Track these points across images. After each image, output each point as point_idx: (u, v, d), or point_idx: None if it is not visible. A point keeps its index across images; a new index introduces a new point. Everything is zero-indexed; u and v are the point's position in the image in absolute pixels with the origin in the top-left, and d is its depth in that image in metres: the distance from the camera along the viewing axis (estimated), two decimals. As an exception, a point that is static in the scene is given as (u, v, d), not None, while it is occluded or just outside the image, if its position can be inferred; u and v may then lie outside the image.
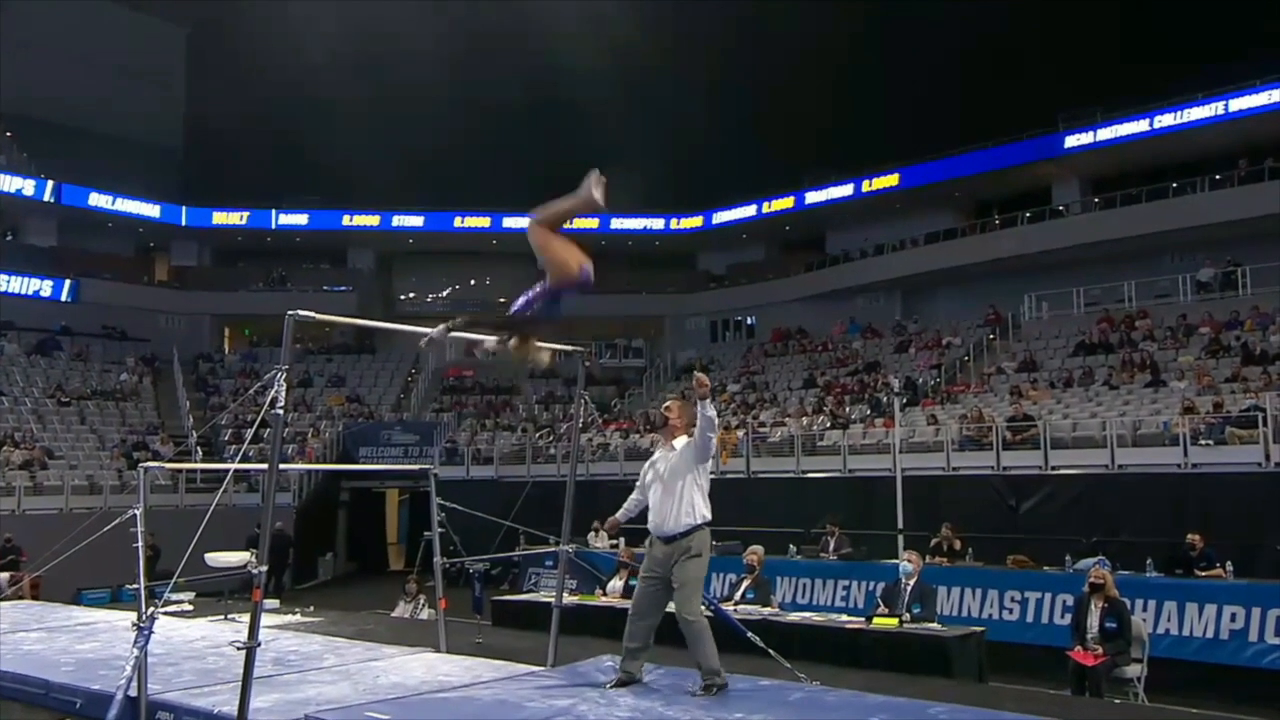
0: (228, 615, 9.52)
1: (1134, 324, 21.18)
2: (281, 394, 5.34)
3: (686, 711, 4.98)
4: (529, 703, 5.13)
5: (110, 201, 30.50)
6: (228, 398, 27.54)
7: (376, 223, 33.32)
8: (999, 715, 4.98)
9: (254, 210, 32.50)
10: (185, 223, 32.37)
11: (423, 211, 33.26)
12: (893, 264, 27.99)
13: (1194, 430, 14.76)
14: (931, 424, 18.58)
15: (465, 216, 33.42)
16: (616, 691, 5.49)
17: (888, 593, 9.39)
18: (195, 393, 27.94)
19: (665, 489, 5.67)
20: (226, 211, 32.50)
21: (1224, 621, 10.13)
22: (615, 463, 21.72)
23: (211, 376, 29.53)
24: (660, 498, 5.69)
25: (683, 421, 5.88)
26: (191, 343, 30.89)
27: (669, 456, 5.76)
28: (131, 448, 23.21)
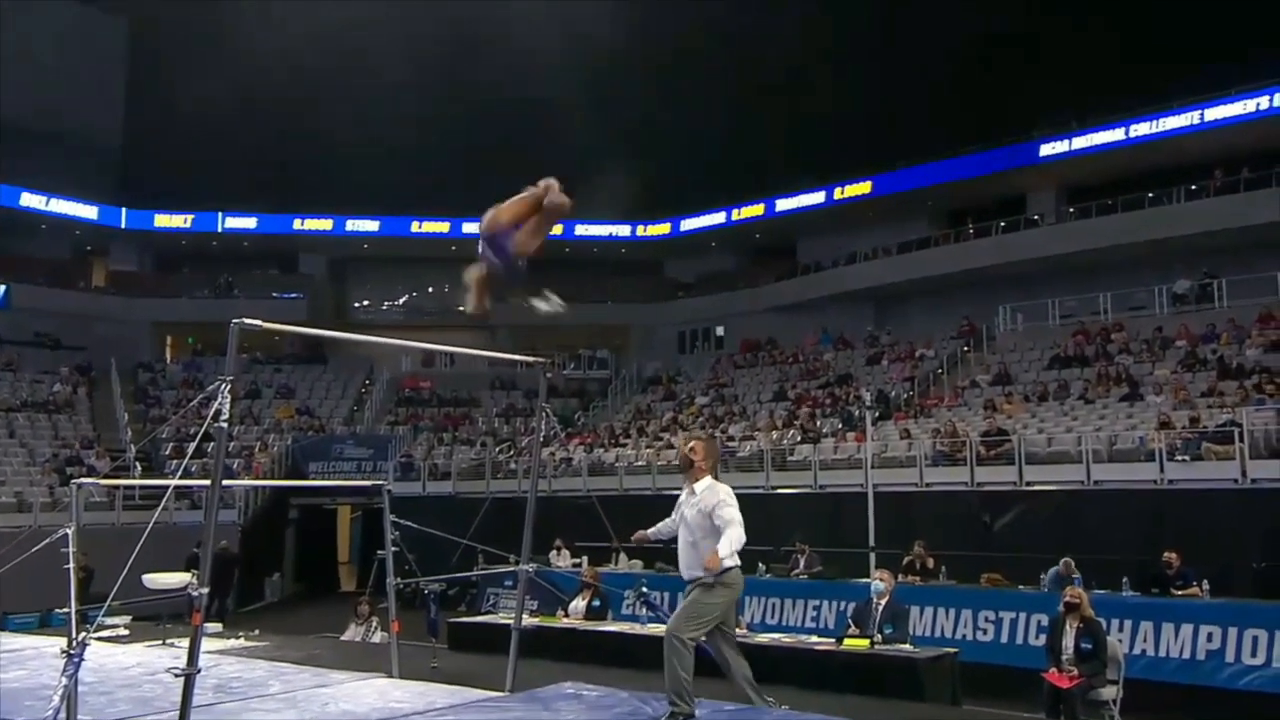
0: (166, 640, 9.35)
1: (1110, 336, 21.53)
2: (226, 406, 5.27)
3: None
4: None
5: (44, 202, 29.98)
6: (169, 410, 27.10)
7: (329, 227, 33.06)
8: (972, 739, 5.02)
9: (199, 213, 32.11)
10: (125, 225, 31.91)
11: (378, 216, 33.07)
12: (865, 273, 28.26)
13: (1170, 446, 15.02)
14: (904, 438, 18.73)
15: (423, 221, 33.28)
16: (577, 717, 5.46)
17: (859, 613, 9.44)
18: (134, 404, 27.49)
19: (686, 536, 5.90)
20: (169, 214, 32.07)
21: (1201, 642, 10.30)
22: (578, 478, 21.68)
23: (152, 387, 29.06)
24: (683, 543, 5.94)
25: (708, 463, 6.05)
26: (130, 352, 30.36)
27: (691, 501, 5.93)
28: (64, 463, 22.76)
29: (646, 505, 19.71)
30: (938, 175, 27.34)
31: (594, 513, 12.55)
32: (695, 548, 5.81)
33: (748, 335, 30.44)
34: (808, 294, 29.25)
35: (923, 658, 8.15)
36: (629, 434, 24.71)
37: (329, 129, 31.59)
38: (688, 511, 5.94)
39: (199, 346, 32.82)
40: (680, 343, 33.77)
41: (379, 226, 33.26)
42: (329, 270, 34.53)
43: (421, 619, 9.84)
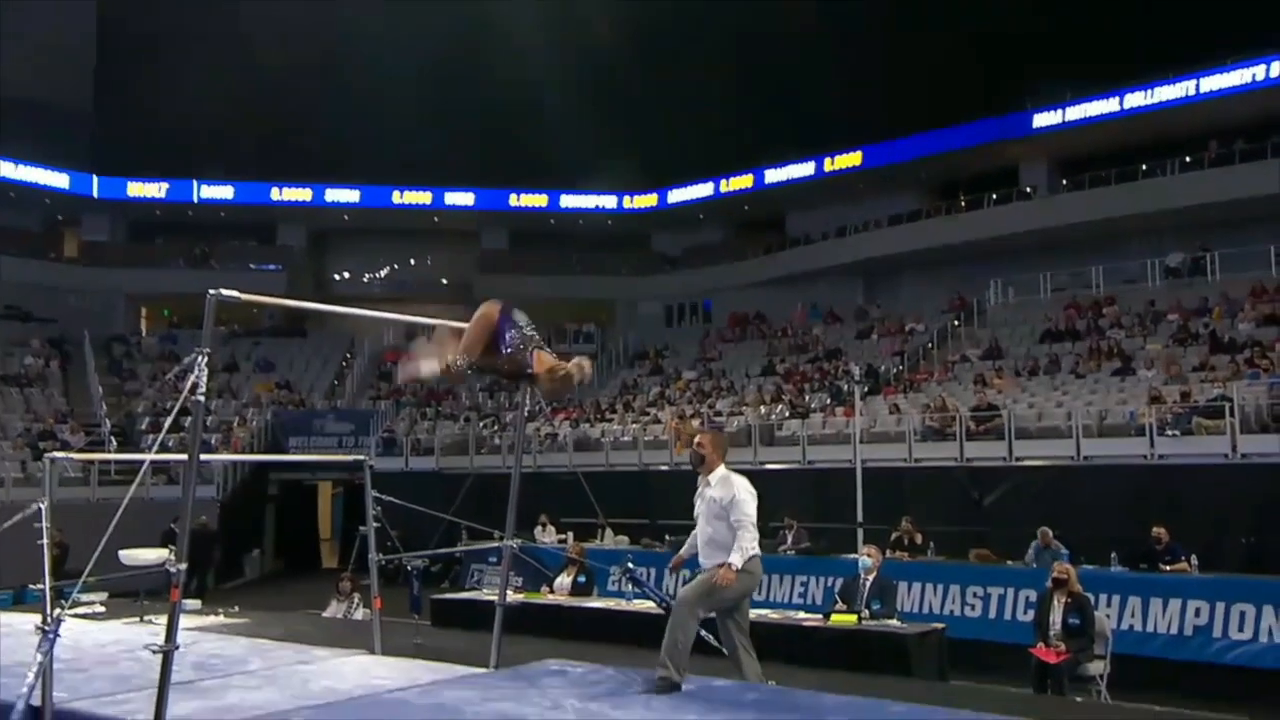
0: (144, 617, 9.33)
1: (1101, 310, 21.65)
2: (203, 379, 5.22)
3: (634, 714, 5.00)
4: (469, 706, 5.11)
5: (13, 169, 29.58)
6: (145, 383, 26.96)
7: (308, 197, 32.80)
8: (958, 714, 5.08)
9: (174, 181, 31.76)
10: (97, 194, 31.54)
11: (359, 185, 32.83)
12: (855, 246, 28.26)
13: (1161, 420, 15.14)
14: (893, 413, 18.83)
15: (405, 191, 33.08)
16: (562, 694, 5.50)
17: (846, 589, 9.52)
18: (109, 378, 27.30)
19: (703, 527, 6.08)
20: (143, 182, 31.70)
21: (1189, 617, 10.43)
22: (564, 454, 21.72)
23: (127, 360, 28.86)
24: (701, 534, 6.12)
25: (719, 453, 6.23)
26: (104, 324, 30.13)
27: (707, 494, 6.09)
28: (37, 437, 22.64)
29: (633, 481, 19.92)
30: (929, 146, 27.31)
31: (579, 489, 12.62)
32: (712, 541, 5.99)
33: (736, 309, 30.45)
34: (797, 267, 29.24)
35: (910, 633, 8.25)
36: (615, 409, 24.73)
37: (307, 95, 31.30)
38: (704, 504, 6.10)
39: (175, 319, 32.62)
40: (667, 317, 33.76)
41: (359, 197, 33.02)
42: (308, 242, 34.30)
43: (404, 596, 9.86)
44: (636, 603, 9.51)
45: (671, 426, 21.14)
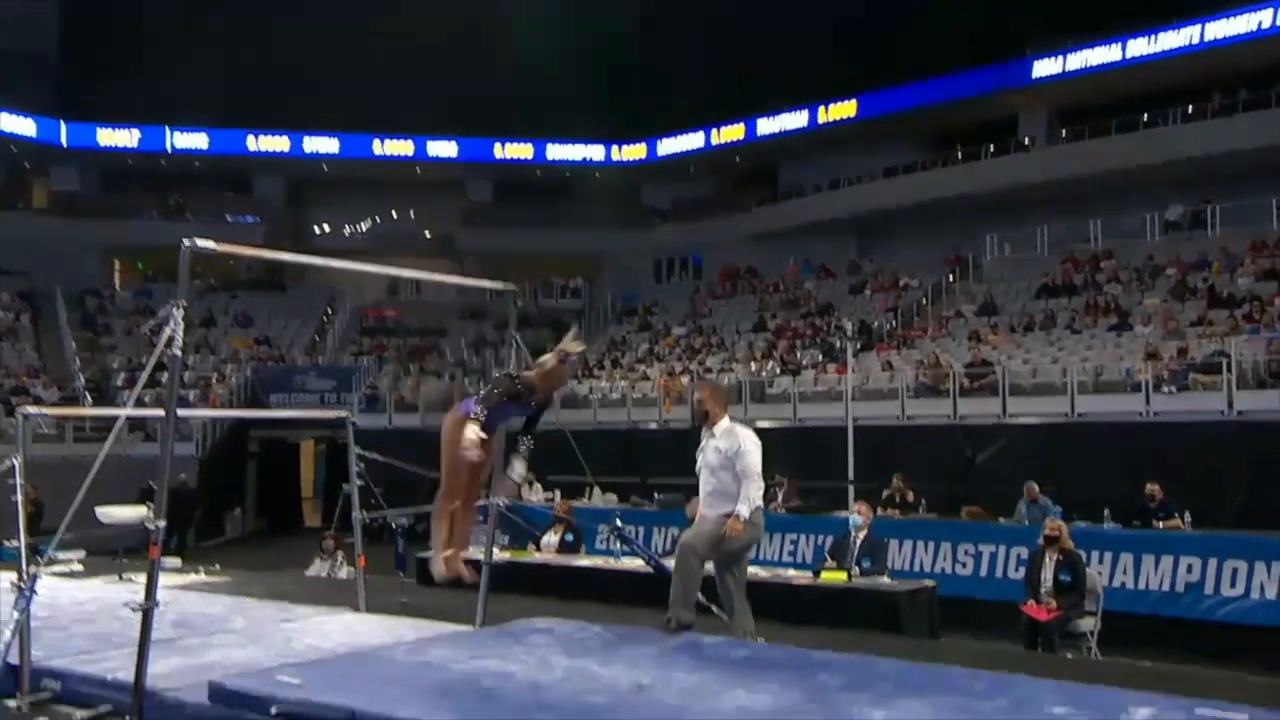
0: (122, 576, 9.35)
1: (1099, 265, 21.68)
2: (179, 332, 5.19)
3: (621, 671, 5.05)
4: (455, 664, 5.15)
5: (-23, 114, 29.13)
6: (119, 338, 26.80)
7: (286, 146, 32.43)
8: (947, 670, 5.14)
9: (146, 128, 31.32)
10: (66, 143, 31.09)
11: (338, 134, 32.46)
12: (849, 199, 28.15)
13: (1157, 377, 15.23)
14: (886, 370, 18.89)
15: (386, 141, 32.73)
16: (549, 651, 5.55)
17: (836, 546, 9.60)
18: (82, 332, 27.13)
19: (706, 479, 6.18)
20: (114, 129, 31.27)
21: (1180, 573, 10.57)
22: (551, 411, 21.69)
23: (100, 315, 28.66)
24: (704, 485, 6.21)
25: (721, 405, 6.34)
26: (77, 277, 29.80)
27: (712, 445, 6.18)
28: (9, 393, 22.51)
29: (621, 439, 19.98)
30: (926, 96, 27.11)
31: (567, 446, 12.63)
32: (716, 491, 6.08)
33: (727, 264, 30.38)
34: (789, 221, 29.12)
35: (900, 591, 8.33)
36: (603, 366, 24.74)
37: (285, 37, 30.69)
38: (709, 455, 6.18)
39: (150, 272, 32.34)
40: (656, 271, 33.65)
41: (339, 147, 32.67)
42: (287, 193, 33.98)
43: (389, 554, 9.91)
44: (625, 561, 9.57)
45: (660, 384, 21.18)
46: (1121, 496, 12.14)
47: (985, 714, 4.21)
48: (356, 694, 4.43)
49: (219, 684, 4.78)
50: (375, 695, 4.41)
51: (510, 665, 5.18)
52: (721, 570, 6.19)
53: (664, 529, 13.49)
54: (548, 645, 5.70)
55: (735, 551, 6.16)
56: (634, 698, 4.55)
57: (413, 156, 33.04)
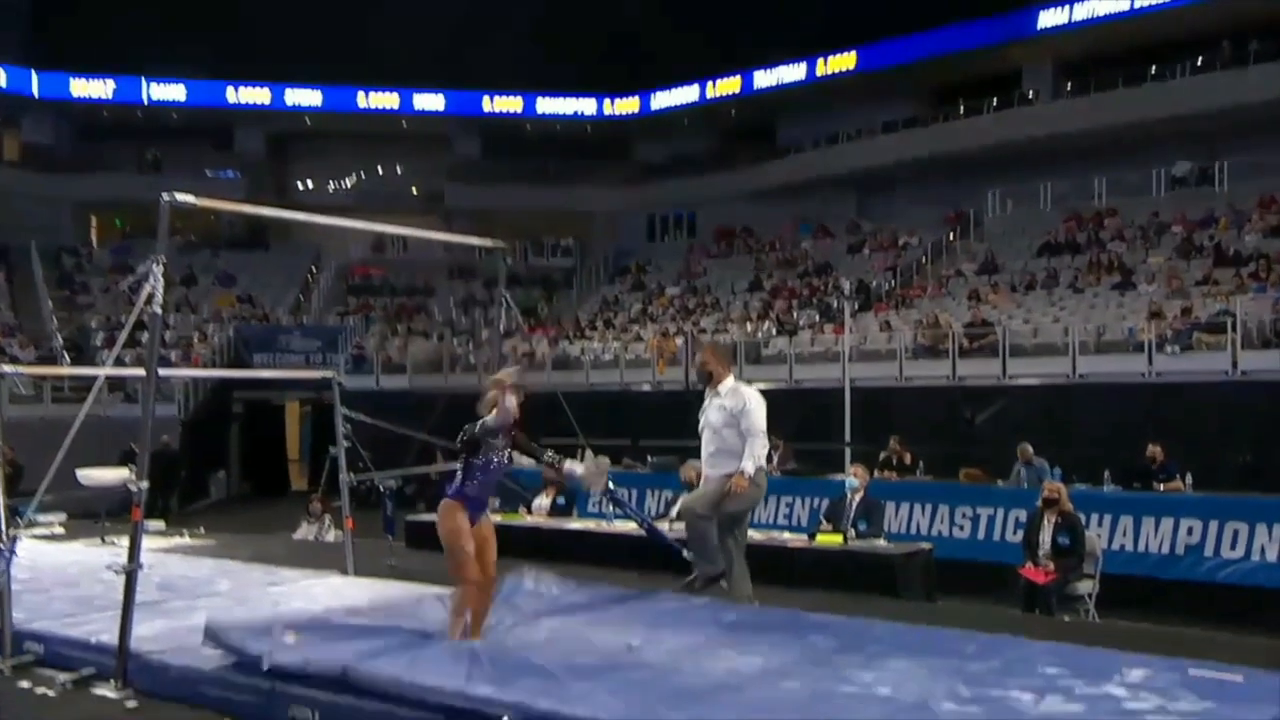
0: (105, 539, 9.41)
1: (1103, 223, 21.66)
2: (158, 289, 5.20)
3: (611, 631, 5.12)
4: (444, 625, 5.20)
5: (-58, 62, 28.74)
6: (97, 296, 26.69)
7: (267, 99, 32.09)
8: (942, 632, 5.21)
9: (121, 79, 30.92)
10: (38, 93, 30.69)
11: (321, 86, 32.10)
12: (847, 155, 28.00)
13: (1160, 336, 15.28)
14: (884, 330, 18.92)
15: (370, 93, 32.39)
16: (538, 612, 5.61)
17: (832, 509, 9.67)
18: (59, 291, 27.01)
19: (710, 438, 6.27)
20: (87, 79, 30.84)
21: (1181, 536, 10.68)
22: (542, 373, 21.73)
23: (78, 273, 28.53)
24: (707, 444, 6.31)
25: (724, 364, 6.46)
26: (52, 234, 29.58)
27: (716, 403, 6.28)
28: (-15, 352, 22.47)
29: (613, 401, 20.01)
30: (927, 47, 26.88)
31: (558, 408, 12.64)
32: (720, 450, 6.17)
33: (722, 222, 30.26)
34: (786, 178, 28.97)
35: (897, 553, 8.41)
36: (595, 326, 24.74)
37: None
38: (713, 414, 6.26)
39: (128, 229, 32.13)
40: (650, 229, 33.50)
41: (321, 99, 32.32)
42: (268, 147, 33.66)
43: (377, 517, 9.97)
44: (618, 524, 9.64)
45: (653, 345, 21.19)
46: (1122, 458, 12.23)
47: (978, 675, 4.28)
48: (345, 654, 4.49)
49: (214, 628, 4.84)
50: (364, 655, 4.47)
51: (498, 627, 5.24)
52: (722, 533, 6.27)
53: (657, 492, 13.56)
54: (537, 606, 5.77)
55: (736, 513, 6.26)
56: (623, 659, 4.61)
57: (398, 110, 32.72)
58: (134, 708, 4.70)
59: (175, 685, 4.78)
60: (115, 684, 4.88)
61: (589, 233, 33.39)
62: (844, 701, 3.90)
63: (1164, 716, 3.64)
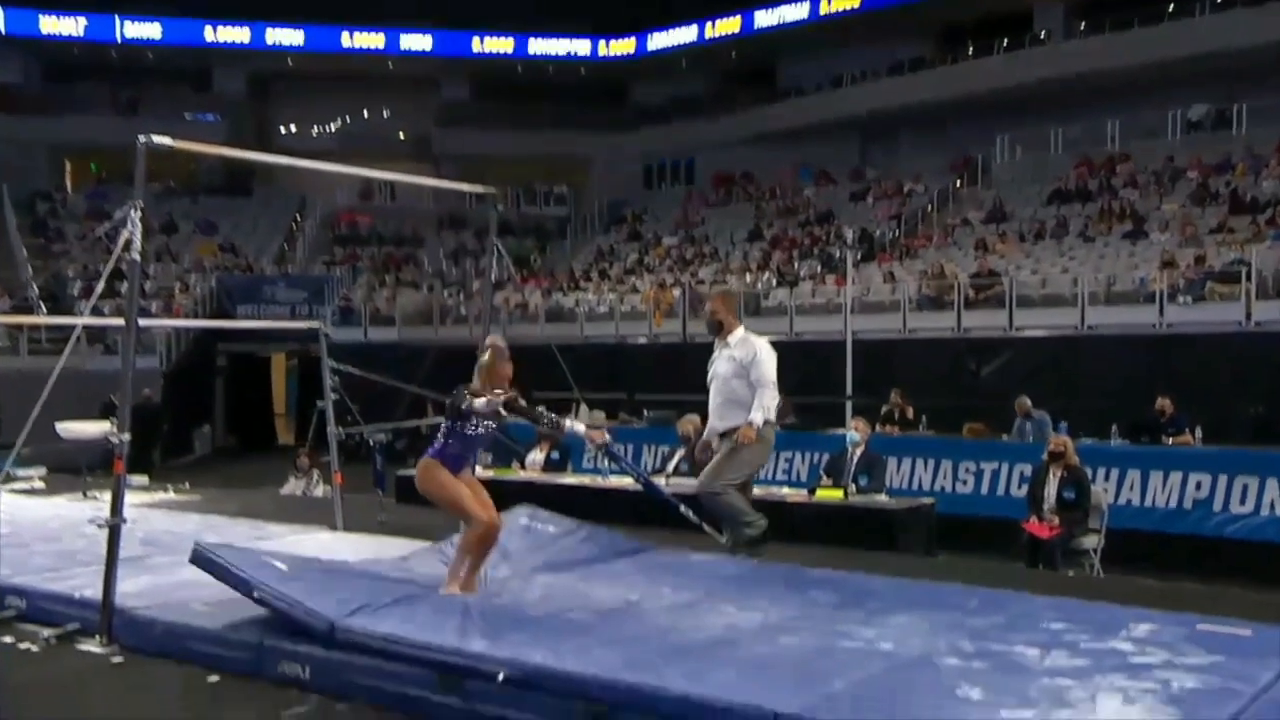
0: (86, 494, 9.42)
1: (1115, 168, 21.55)
2: (136, 235, 5.15)
3: (608, 586, 5.15)
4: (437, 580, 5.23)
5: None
6: (73, 243, 26.52)
7: (246, 38, 31.68)
8: (943, 587, 5.25)
9: (93, 16, 30.46)
10: (5, 30, 30.23)
11: (303, 25, 31.67)
12: (851, 99, 27.76)
13: (1172, 286, 15.27)
14: (888, 281, 18.88)
15: (355, 33, 31.97)
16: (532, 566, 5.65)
17: (832, 464, 9.72)
18: (33, 238, 26.84)
19: (719, 388, 6.31)
20: (57, 16, 30.36)
21: (1189, 490, 10.74)
22: (535, 325, 21.72)
23: (52, 219, 28.35)
24: (715, 395, 6.35)
25: (733, 314, 6.53)
26: (25, 179, 29.35)
27: (726, 354, 6.32)
28: (-42, 302, 22.40)
29: (609, 354, 20.02)
30: (936, -18, 26.54)
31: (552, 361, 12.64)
32: (729, 401, 6.21)
33: (721, 169, 30.07)
34: (788, 123, 28.72)
35: (897, 508, 8.47)
36: (590, 277, 24.67)
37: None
38: (721, 365, 6.29)
39: (103, 174, 31.85)
40: (646, 177, 33.31)
41: (304, 39, 31.91)
42: (249, 89, 33.30)
43: (367, 472, 10.00)
44: (613, 479, 9.68)
45: (650, 296, 21.14)
46: (1131, 411, 12.28)
47: (980, 630, 4.31)
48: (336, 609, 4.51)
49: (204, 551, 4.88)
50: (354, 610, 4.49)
51: (493, 583, 5.27)
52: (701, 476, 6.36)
53: (653, 446, 13.60)
54: (531, 557, 5.80)
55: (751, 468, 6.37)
56: (620, 613, 4.65)
57: (384, 50, 32.30)
58: (119, 663, 4.74)
59: (161, 641, 4.80)
60: (100, 639, 4.91)
61: (583, 180, 33.18)
62: (845, 657, 3.93)
63: (1171, 671, 3.67)
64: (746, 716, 3.32)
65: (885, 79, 27.29)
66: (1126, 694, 3.45)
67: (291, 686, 4.33)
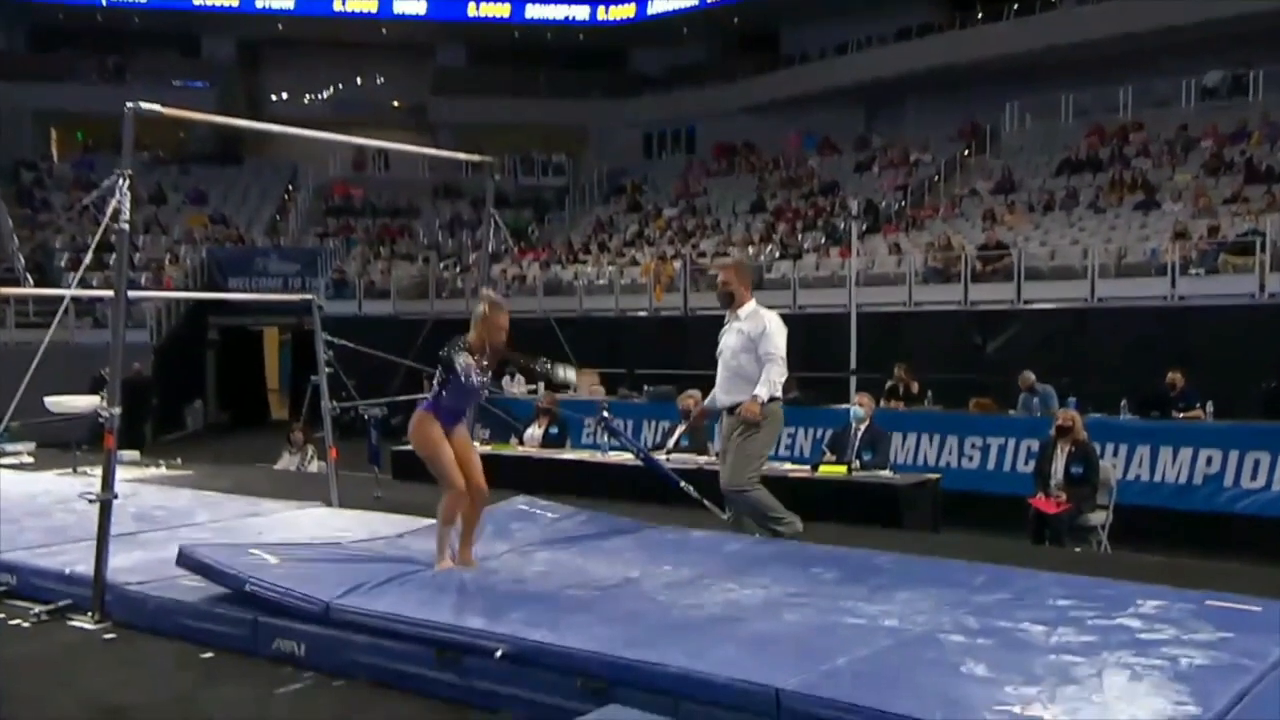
0: (77, 469, 9.46)
1: (1128, 137, 21.45)
2: (125, 204, 5.14)
3: (608, 562, 5.18)
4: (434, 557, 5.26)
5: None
6: (60, 214, 26.45)
7: (235, 1, 31.42)
8: (948, 563, 5.27)
9: (76, -22, 30.24)
10: (-12, -6, 30.04)
11: (292, -12, 31.45)
12: (857, 65, 27.58)
13: (1184, 258, 15.23)
14: (894, 253, 18.84)
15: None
16: (531, 543, 5.68)
17: (836, 439, 9.74)
18: (19, 208, 26.76)
19: (728, 361, 6.21)
20: (40, -23, 30.16)
21: (1199, 465, 10.79)
22: (533, 298, 21.69)
23: (38, 189, 28.27)
24: (723, 369, 6.25)
25: (745, 285, 6.37)
26: (9, 147, 29.29)
27: (735, 326, 6.22)
28: (-57, 274, 22.35)
29: (608, 328, 20.01)
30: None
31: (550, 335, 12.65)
32: (736, 375, 6.13)
33: (723, 138, 29.91)
34: (791, 90, 28.55)
35: (902, 484, 8.49)
36: (588, 250, 24.62)
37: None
38: (730, 338, 6.22)
39: (90, 142, 31.69)
40: (646, 146, 33.17)
41: (294, 2, 31.68)
42: (239, 55, 33.12)
43: (362, 448, 10.00)
44: (613, 454, 9.70)
45: (650, 269, 21.11)
46: (1141, 386, 12.29)
47: (985, 607, 4.33)
48: (332, 586, 4.54)
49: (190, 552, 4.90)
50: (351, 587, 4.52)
51: (491, 560, 5.30)
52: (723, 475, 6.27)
53: (653, 422, 13.63)
54: (530, 537, 5.83)
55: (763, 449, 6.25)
56: (620, 590, 4.67)
57: (377, 14, 32.06)
58: (111, 639, 4.77)
59: (154, 617, 4.83)
60: (91, 615, 4.95)
61: (582, 149, 33.04)
62: (848, 633, 3.95)
63: (1180, 647, 3.69)
64: (748, 693, 3.33)
65: (891, 45, 27.07)
66: (1134, 670, 3.46)
67: (286, 664, 4.36)
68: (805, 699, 3.24)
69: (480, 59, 33.59)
